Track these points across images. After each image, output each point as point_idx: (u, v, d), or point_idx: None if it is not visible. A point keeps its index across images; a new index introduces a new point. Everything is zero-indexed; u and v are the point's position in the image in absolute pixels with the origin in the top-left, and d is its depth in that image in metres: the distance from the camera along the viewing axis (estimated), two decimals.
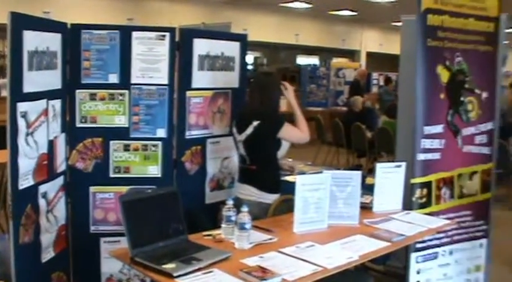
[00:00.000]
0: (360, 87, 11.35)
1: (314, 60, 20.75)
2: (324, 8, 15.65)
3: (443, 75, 4.09)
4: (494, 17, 4.32)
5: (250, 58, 19.74)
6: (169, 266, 2.56)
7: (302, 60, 20.57)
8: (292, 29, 17.41)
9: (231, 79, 4.26)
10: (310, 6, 15.00)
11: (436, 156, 4.07)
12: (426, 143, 4.02)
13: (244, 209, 2.94)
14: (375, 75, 17.92)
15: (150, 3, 13.44)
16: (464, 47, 4.19)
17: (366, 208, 3.79)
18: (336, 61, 19.44)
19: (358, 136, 9.74)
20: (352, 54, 20.96)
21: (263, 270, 2.57)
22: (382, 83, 16.70)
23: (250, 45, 15.63)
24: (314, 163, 7.13)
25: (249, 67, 19.36)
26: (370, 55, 20.79)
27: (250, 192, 3.80)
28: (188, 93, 3.95)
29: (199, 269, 2.59)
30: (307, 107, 14.86)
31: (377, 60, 20.57)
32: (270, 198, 3.82)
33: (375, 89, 16.59)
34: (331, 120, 11.12)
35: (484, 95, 4.33)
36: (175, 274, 2.50)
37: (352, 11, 16.22)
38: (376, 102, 12.37)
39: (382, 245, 3.12)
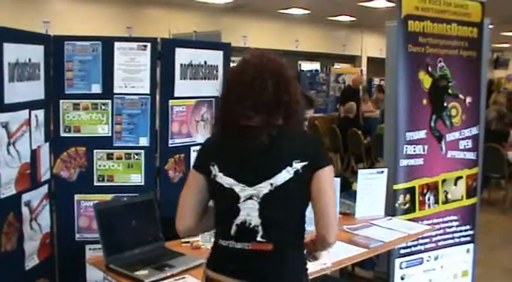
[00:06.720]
0: (355, 94, 11.33)
1: (316, 65, 20.73)
2: (322, 14, 15.63)
3: (425, 80, 4.11)
4: (477, 22, 4.33)
5: None
6: (141, 273, 2.61)
7: (305, 66, 20.56)
8: (292, 35, 17.38)
9: (214, 87, 4.27)
10: (308, 12, 15.01)
11: (419, 161, 4.09)
12: (409, 149, 4.04)
13: None
14: (376, 80, 17.94)
15: (148, 11, 13.49)
16: (447, 53, 4.20)
17: (347, 214, 3.83)
18: (337, 67, 19.42)
19: (354, 142, 9.79)
20: (353, 60, 20.91)
21: None
22: None
23: None
24: None
25: None
26: (370, 60, 20.75)
27: None
28: (171, 102, 3.99)
29: (171, 276, 2.64)
30: None
31: (378, 65, 20.51)
32: None
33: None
34: (330, 126, 11.15)
35: (468, 100, 4.34)
36: (146, 280, 2.56)
37: (351, 16, 16.22)
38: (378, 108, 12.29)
39: (358, 251, 3.16)
